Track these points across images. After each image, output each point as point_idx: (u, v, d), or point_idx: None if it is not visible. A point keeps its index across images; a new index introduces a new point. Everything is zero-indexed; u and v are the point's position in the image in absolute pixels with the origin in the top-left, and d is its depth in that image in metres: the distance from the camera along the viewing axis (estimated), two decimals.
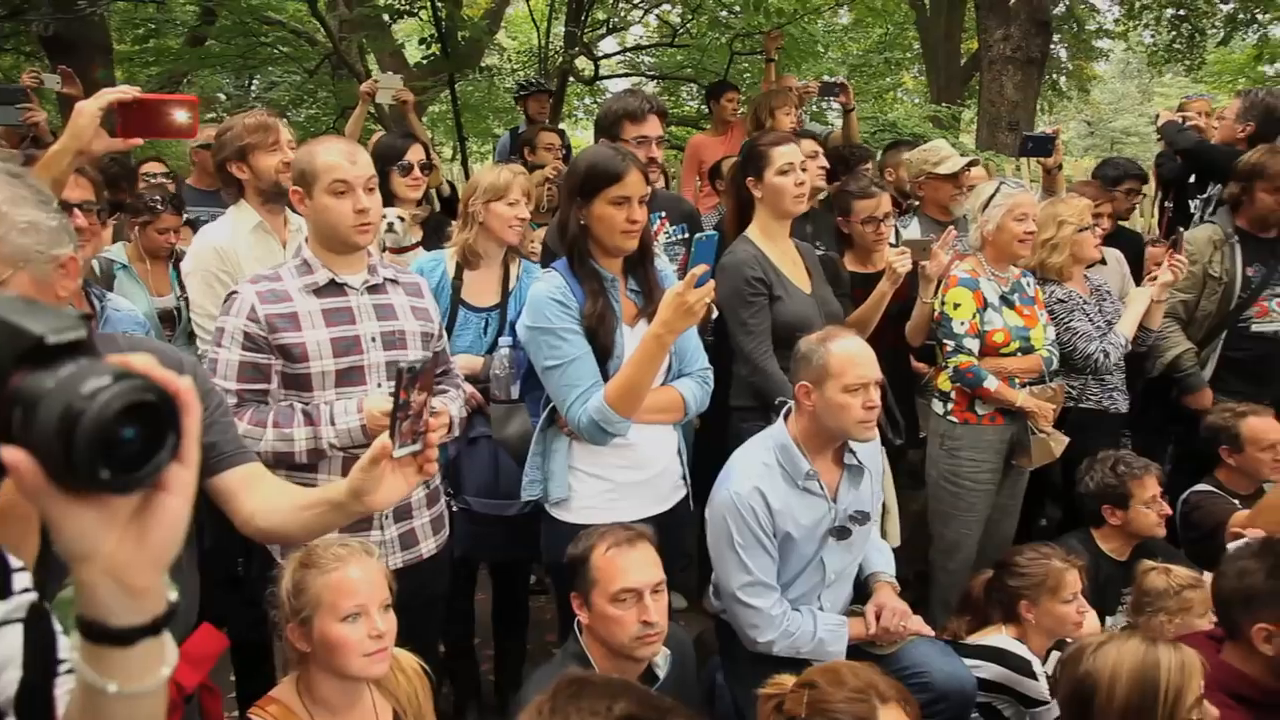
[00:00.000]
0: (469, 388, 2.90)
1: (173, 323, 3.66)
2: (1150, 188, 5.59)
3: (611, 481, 2.60)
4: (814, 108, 6.85)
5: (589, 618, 2.28)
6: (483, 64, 10.43)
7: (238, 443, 1.79)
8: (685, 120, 11.41)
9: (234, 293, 2.35)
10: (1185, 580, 2.97)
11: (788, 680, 1.89)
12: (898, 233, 3.94)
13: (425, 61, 8.92)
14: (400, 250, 3.63)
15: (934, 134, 6.96)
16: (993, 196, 3.40)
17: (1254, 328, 3.83)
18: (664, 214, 3.41)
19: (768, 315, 3.05)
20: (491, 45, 11.65)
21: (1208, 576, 3.02)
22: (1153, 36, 14.31)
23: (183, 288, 3.37)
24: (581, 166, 2.55)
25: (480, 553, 3.14)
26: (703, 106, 10.01)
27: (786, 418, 2.66)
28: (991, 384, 3.33)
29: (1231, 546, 3.01)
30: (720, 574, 2.63)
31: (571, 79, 10.78)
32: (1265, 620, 2.13)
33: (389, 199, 3.54)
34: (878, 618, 2.67)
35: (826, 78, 6.05)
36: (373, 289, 2.43)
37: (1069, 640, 2.79)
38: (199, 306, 2.91)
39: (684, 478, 2.79)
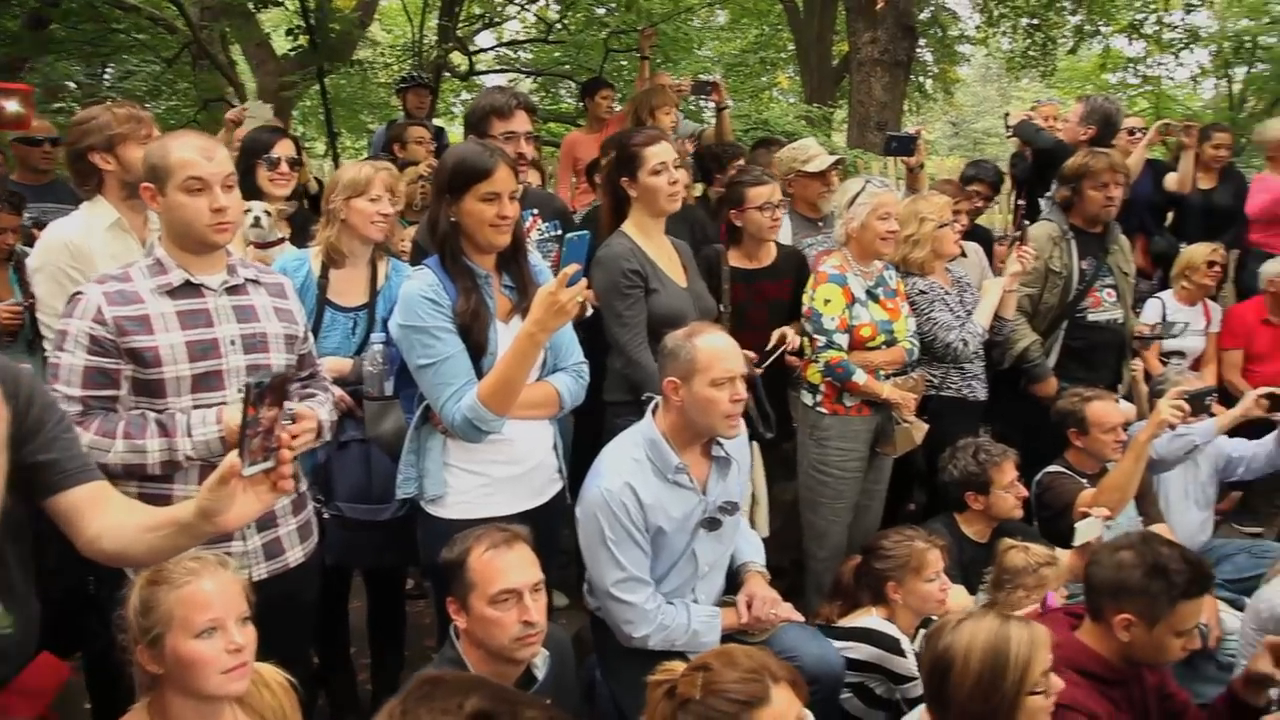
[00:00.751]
0: (338, 391, 2.82)
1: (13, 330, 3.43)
2: (1006, 186, 5.90)
3: (487, 476, 2.59)
4: (689, 105, 6.95)
5: (467, 621, 2.25)
6: (355, 57, 10.14)
7: (81, 460, 1.69)
8: (564, 118, 11.38)
9: (79, 294, 2.21)
10: (1042, 558, 3.16)
11: (677, 666, 1.91)
12: None
13: (293, 53, 8.62)
14: (265, 245, 3.50)
15: (807, 133, 7.14)
16: (858, 194, 3.52)
17: (1089, 317, 4.10)
18: (536, 211, 3.40)
19: (643, 308, 3.09)
20: (364, 38, 11.34)
21: (1061, 553, 3.22)
22: (1010, 44, 15.08)
23: (24, 291, 3.16)
24: (450, 163, 2.53)
25: (354, 559, 3.07)
26: (580, 104, 10.04)
27: (654, 412, 2.68)
28: (860, 378, 3.45)
29: (1079, 525, 3.22)
30: (593, 571, 2.64)
31: (447, 74, 10.60)
32: (1129, 612, 2.27)
33: (256, 194, 3.42)
34: (749, 607, 2.71)
35: (703, 76, 6.14)
36: (232, 290, 2.33)
37: (935, 617, 2.93)
38: (48, 306, 2.75)
39: (560, 471, 2.79)
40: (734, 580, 2.88)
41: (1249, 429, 4.04)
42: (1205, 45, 17.97)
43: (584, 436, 3.49)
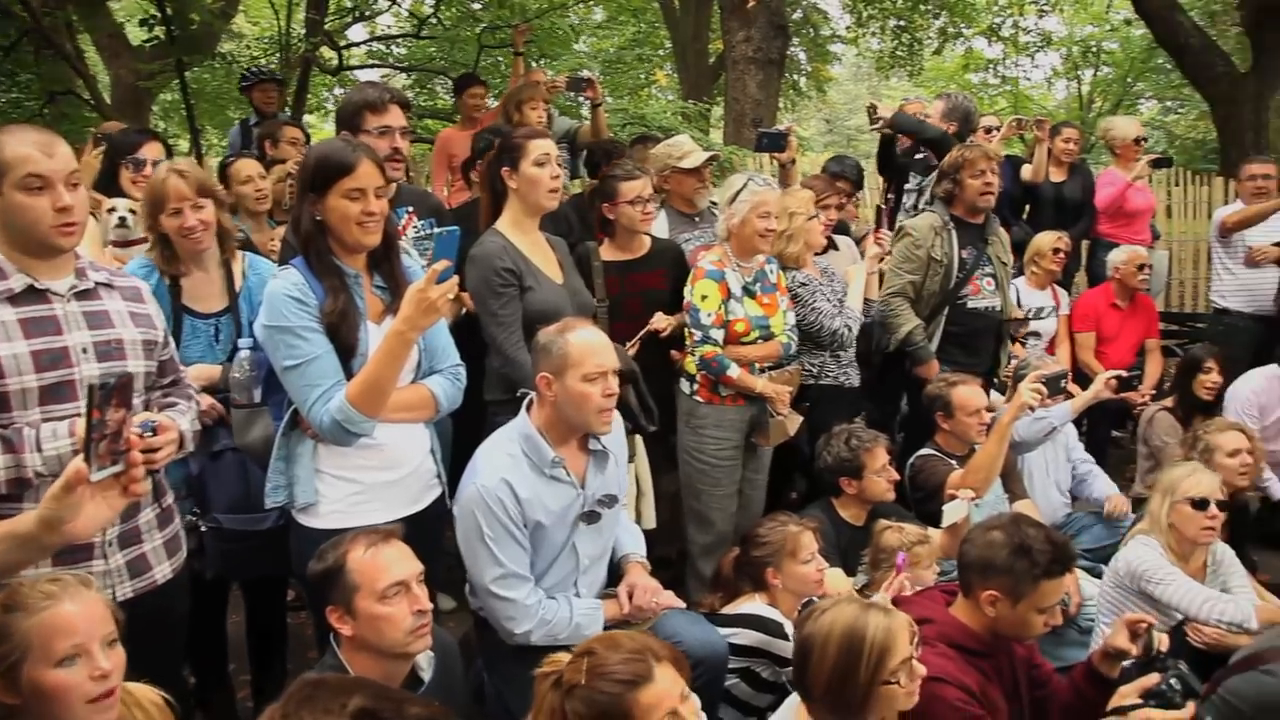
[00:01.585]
0: (206, 399, 2.71)
1: None
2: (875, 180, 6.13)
3: (360, 484, 2.52)
4: (565, 102, 6.93)
5: (354, 626, 2.18)
6: (219, 50, 9.68)
7: None
8: (440, 114, 11.16)
9: None
10: (915, 537, 3.30)
11: (564, 657, 1.92)
12: None
13: (149, 45, 8.18)
14: (126, 244, 3.34)
15: (683, 129, 7.23)
16: (740, 191, 3.58)
17: (969, 304, 4.31)
18: (411, 208, 3.33)
19: (518, 306, 3.08)
20: (227, 30, 10.87)
21: (934, 532, 3.38)
22: (879, 44, 15.65)
23: None
24: (312, 160, 2.46)
25: (236, 572, 2.96)
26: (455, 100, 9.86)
27: (529, 408, 2.68)
28: (733, 372, 3.53)
29: (947, 507, 3.38)
30: (473, 569, 2.61)
31: (316, 69, 10.26)
32: (995, 588, 2.39)
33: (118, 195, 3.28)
34: (630, 597, 2.74)
35: (585, 73, 6.14)
36: (82, 295, 2.18)
37: (816, 599, 3.02)
38: None
39: (439, 476, 2.75)
40: (616, 572, 2.90)
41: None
42: (1056, 49, 19.08)
43: (465, 438, 3.45)
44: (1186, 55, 11.14)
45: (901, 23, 14.64)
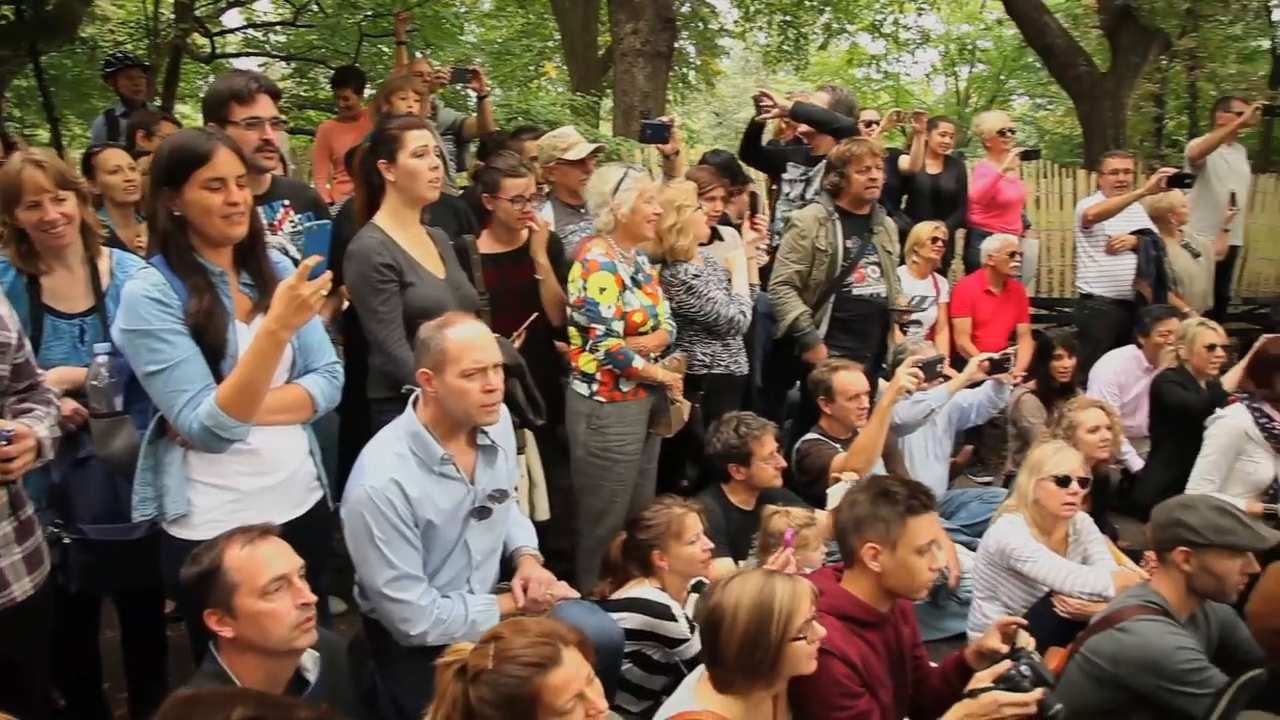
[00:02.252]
0: (70, 404, 2.56)
1: None
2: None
3: (236, 491, 2.43)
4: (458, 94, 6.80)
5: (235, 627, 2.10)
6: (80, 34, 9.14)
7: None
8: (321, 105, 10.80)
9: None
10: (802, 519, 3.39)
11: (466, 647, 1.90)
12: None
13: None
14: None
15: (568, 121, 7.19)
16: (621, 181, 3.59)
17: (855, 291, 4.44)
18: (288, 202, 3.22)
19: (399, 302, 3.01)
20: (89, 13, 10.27)
21: (820, 514, 3.47)
22: (766, 38, 15.91)
23: None
24: (165, 152, 2.34)
25: (103, 585, 2.81)
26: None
27: (415, 405, 2.63)
28: (639, 363, 3.54)
29: (831, 489, 3.48)
30: (364, 572, 2.56)
31: (188, 57, 9.81)
32: (872, 540, 2.47)
33: None
34: (525, 590, 2.73)
35: (479, 64, 6.04)
36: None
37: (705, 580, 3.08)
38: None
39: (319, 479, 2.68)
40: (509, 566, 2.88)
41: None
42: (935, 46, 19.80)
43: (352, 439, 3.36)
44: (1052, 54, 11.75)
45: (787, 18, 14.90)
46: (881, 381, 4.30)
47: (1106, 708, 2.72)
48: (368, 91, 6.19)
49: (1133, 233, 5.74)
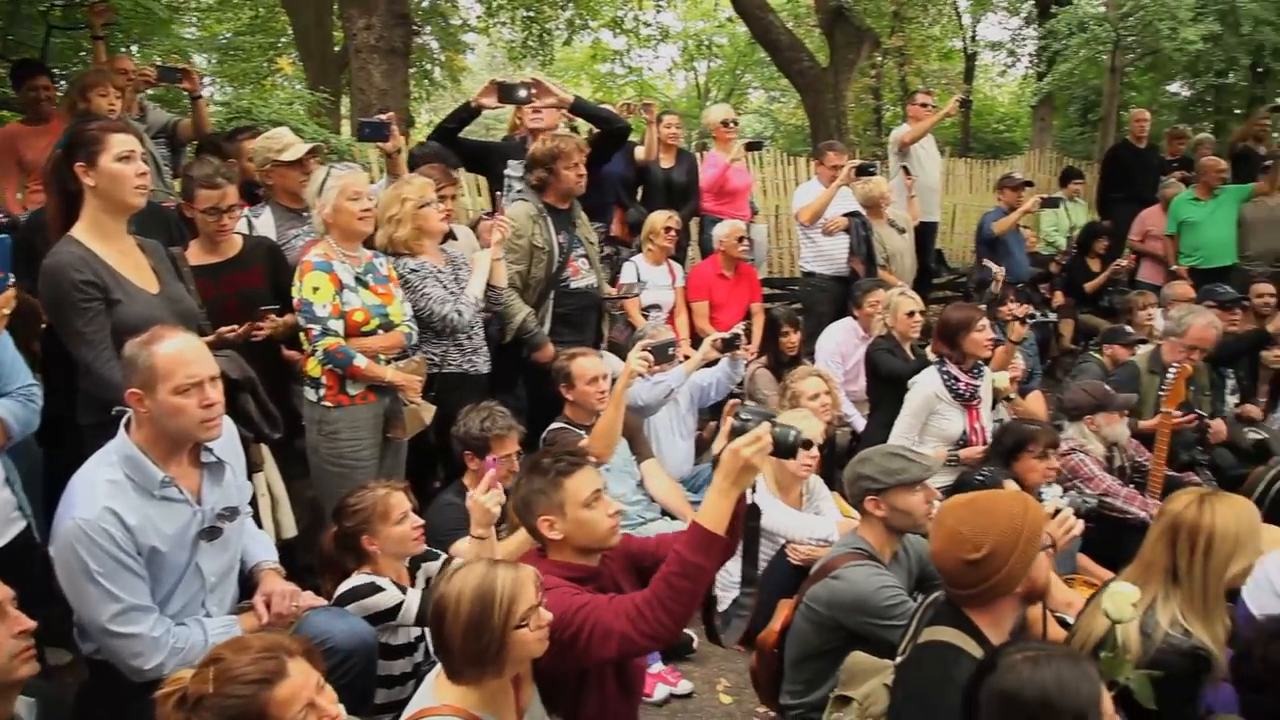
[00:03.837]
0: None
1: None
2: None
3: None
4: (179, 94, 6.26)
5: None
6: None
7: None
8: (7, 105, 9.58)
9: None
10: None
11: (185, 674, 1.83)
12: (250, 223, 3.92)
13: None
14: None
15: (297, 122, 6.87)
16: (324, 181, 3.52)
17: (571, 285, 4.56)
18: None
19: (106, 321, 2.82)
20: None
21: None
22: (511, 34, 15.93)
23: None
24: None
25: None
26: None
27: (128, 427, 2.49)
28: (360, 362, 3.48)
29: None
30: (83, 610, 2.39)
31: None
32: (542, 514, 2.53)
33: None
34: (268, 606, 2.66)
35: (193, 62, 5.60)
36: None
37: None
38: None
39: (20, 508, 2.48)
40: (249, 583, 2.79)
41: None
42: (674, 42, 20.64)
43: (62, 469, 3.11)
44: (778, 50, 12.62)
45: (530, 14, 15.01)
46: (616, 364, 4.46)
47: (828, 648, 3.00)
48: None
49: (844, 214, 6.31)
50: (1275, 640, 2.24)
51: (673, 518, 4.25)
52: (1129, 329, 6.08)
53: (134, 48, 9.08)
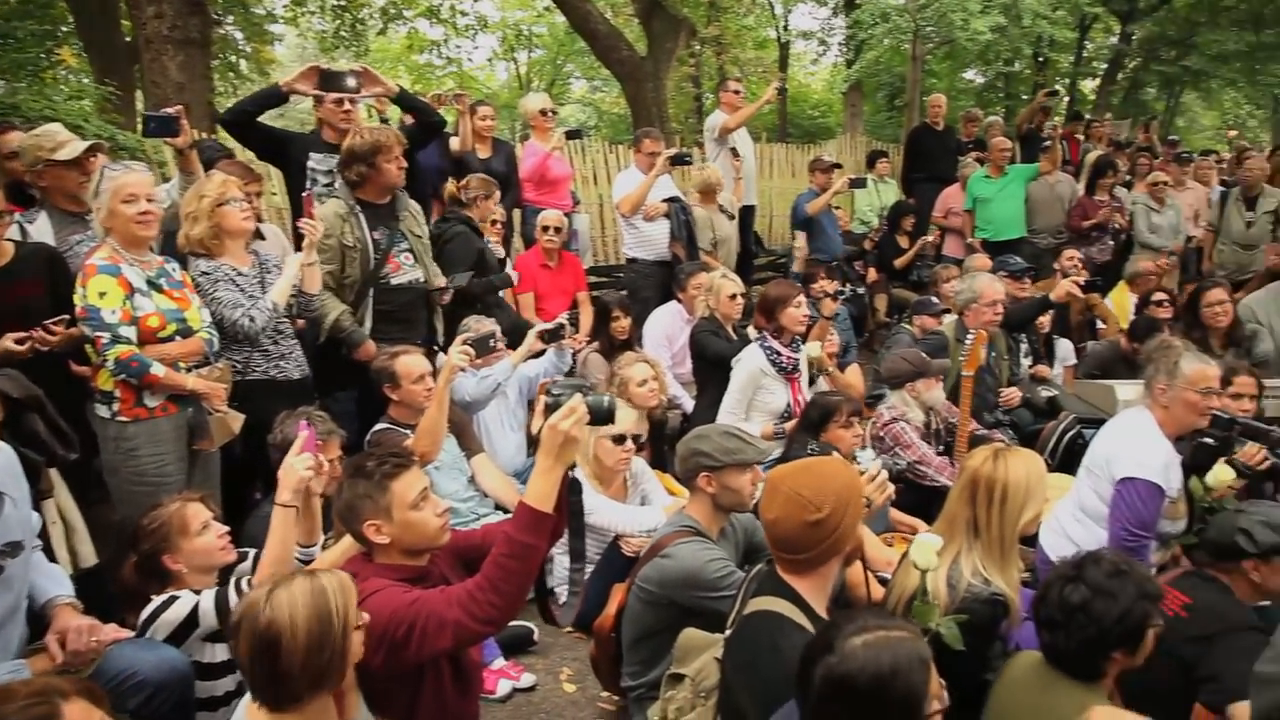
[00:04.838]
0: None
1: None
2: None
3: None
4: None
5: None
6: None
7: None
8: None
9: None
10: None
11: None
12: (23, 229, 3.59)
13: None
14: None
15: (81, 117, 6.34)
16: (99, 183, 3.29)
17: (393, 281, 4.39)
18: None
19: None
20: None
21: None
22: (322, 24, 15.29)
23: None
24: None
25: None
26: None
27: None
28: (158, 370, 3.27)
29: None
30: None
31: None
32: (368, 518, 2.46)
33: None
34: (63, 645, 2.47)
35: None
36: None
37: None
38: None
39: None
40: (43, 622, 2.57)
41: None
42: (493, 31, 20.38)
43: None
44: (596, 40, 12.68)
45: (342, 3, 14.46)
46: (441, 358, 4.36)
47: (662, 627, 3.05)
48: None
49: (663, 200, 6.42)
50: (1067, 583, 2.45)
51: (507, 512, 4.21)
52: (935, 300, 6.51)
53: None
